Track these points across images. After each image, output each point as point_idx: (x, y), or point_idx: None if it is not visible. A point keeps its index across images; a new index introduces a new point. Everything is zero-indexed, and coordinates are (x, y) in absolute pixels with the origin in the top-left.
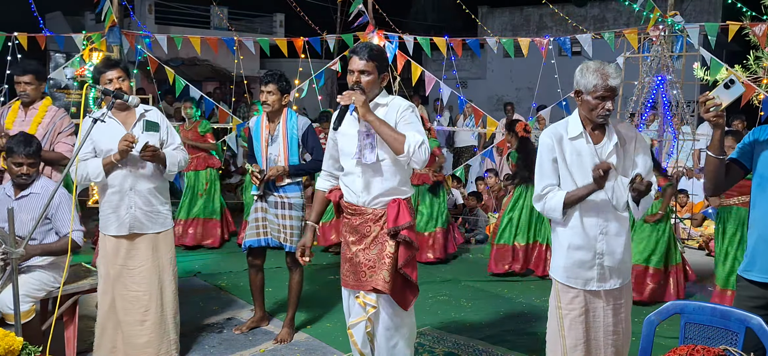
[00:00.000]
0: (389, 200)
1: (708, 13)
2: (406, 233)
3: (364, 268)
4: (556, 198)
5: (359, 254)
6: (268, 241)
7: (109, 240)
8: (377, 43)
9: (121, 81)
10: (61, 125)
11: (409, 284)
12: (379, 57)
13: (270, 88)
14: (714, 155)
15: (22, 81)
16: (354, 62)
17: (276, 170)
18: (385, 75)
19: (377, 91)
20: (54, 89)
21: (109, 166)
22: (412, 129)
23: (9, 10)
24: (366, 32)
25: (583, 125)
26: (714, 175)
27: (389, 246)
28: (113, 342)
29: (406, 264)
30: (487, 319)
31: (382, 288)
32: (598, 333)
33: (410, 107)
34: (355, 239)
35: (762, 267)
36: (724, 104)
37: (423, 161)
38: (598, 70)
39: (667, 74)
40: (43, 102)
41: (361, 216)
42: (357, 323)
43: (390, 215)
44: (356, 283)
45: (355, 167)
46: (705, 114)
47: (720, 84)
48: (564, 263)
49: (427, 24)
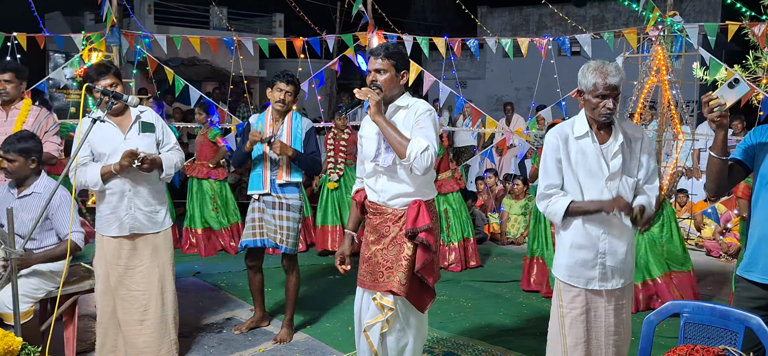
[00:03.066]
0: (410, 201)
1: (707, 13)
2: (425, 236)
3: (382, 269)
4: (560, 204)
5: (378, 255)
6: (265, 242)
7: (109, 242)
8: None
9: (114, 87)
10: (46, 125)
11: (426, 287)
12: (397, 55)
13: (289, 87)
14: (717, 155)
15: (1, 79)
16: (371, 62)
17: (282, 146)
18: (405, 73)
19: (397, 91)
20: (53, 89)
21: (108, 176)
22: (422, 134)
23: (8, 9)
24: (366, 33)
25: (589, 125)
26: (717, 176)
27: (407, 248)
28: (114, 343)
29: (424, 267)
30: (487, 319)
31: (397, 291)
32: (600, 333)
33: (428, 111)
34: (375, 238)
35: (764, 268)
36: (728, 103)
37: (424, 167)
38: (598, 69)
39: (666, 74)
40: (23, 102)
41: (381, 216)
42: (373, 324)
43: (409, 216)
44: (373, 284)
45: (376, 168)
46: (708, 115)
47: (723, 83)
48: (566, 262)
49: (427, 24)
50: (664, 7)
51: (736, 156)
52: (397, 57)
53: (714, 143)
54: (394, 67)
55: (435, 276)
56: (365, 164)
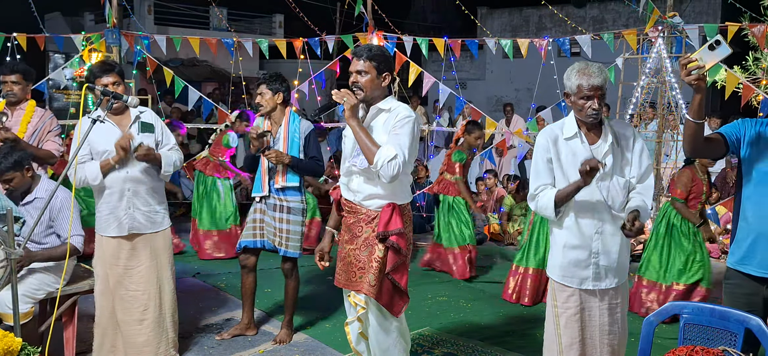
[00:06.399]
0: (384, 204)
1: (707, 14)
2: (396, 240)
3: (355, 269)
4: (547, 196)
5: (351, 254)
6: (264, 243)
7: (108, 242)
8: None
9: (117, 86)
10: (49, 125)
11: (398, 290)
12: (379, 57)
13: (261, 88)
14: (693, 119)
15: (9, 80)
16: (353, 63)
17: (277, 154)
18: (387, 75)
19: (378, 93)
20: (53, 89)
21: (107, 167)
22: (395, 141)
23: (8, 10)
24: (366, 33)
25: (579, 126)
26: (692, 138)
27: (378, 250)
28: (113, 342)
29: (395, 270)
30: (485, 320)
31: (366, 292)
32: (594, 332)
33: (407, 117)
34: (349, 238)
35: (761, 262)
36: (708, 66)
37: (390, 176)
38: (582, 71)
39: (665, 75)
40: (28, 103)
41: (355, 215)
42: (351, 321)
43: (382, 218)
44: (347, 283)
45: (352, 168)
46: (686, 77)
47: (704, 46)
48: (560, 262)
49: (427, 25)
50: (663, 8)
51: (723, 131)
52: (379, 59)
53: (690, 106)
54: (375, 69)
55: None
56: (344, 162)
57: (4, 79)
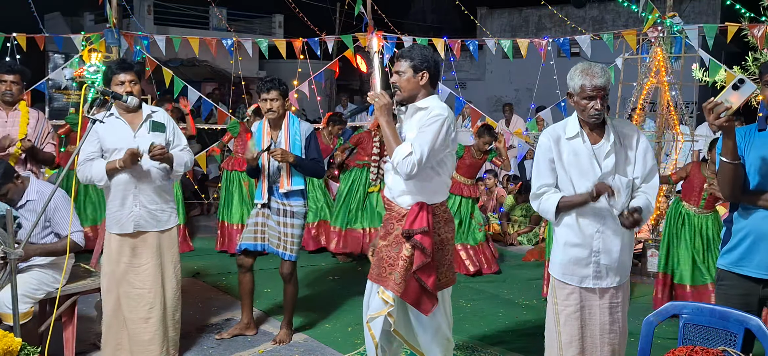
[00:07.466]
0: (414, 202)
1: (706, 15)
2: (420, 239)
3: (385, 264)
4: (551, 201)
5: (383, 250)
6: (265, 247)
7: (114, 239)
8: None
9: (133, 85)
10: (48, 127)
11: (426, 291)
12: (415, 56)
13: (273, 95)
14: (730, 161)
15: (8, 79)
16: (395, 65)
17: (283, 152)
18: (424, 73)
19: (417, 92)
20: (53, 89)
21: (113, 171)
22: (417, 139)
23: (8, 10)
24: (366, 33)
25: (581, 126)
26: (732, 180)
27: (405, 249)
28: (118, 340)
29: (421, 270)
30: (486, 320)
31: (392, 289)
32: (594, 331)
33: (436, 116)
34: (383, 234)
35: (760, 264)
36: (736, 106)
37: (405, 173)
38: (585, 71)
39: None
40: (21, 103)
41: (389, 212)
42: (376, 317)
43: (409, 216)
44: (377, 278)
45: (390, 165)
46: (715, 121)
47: (727, 86)
48: (560, 260)
49: (427, 25)
50: (663, 8)
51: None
52: (415, 58)
53: (724, 149)
54: (412, 68)
55: (437, 281)
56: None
57: (3, 79)
